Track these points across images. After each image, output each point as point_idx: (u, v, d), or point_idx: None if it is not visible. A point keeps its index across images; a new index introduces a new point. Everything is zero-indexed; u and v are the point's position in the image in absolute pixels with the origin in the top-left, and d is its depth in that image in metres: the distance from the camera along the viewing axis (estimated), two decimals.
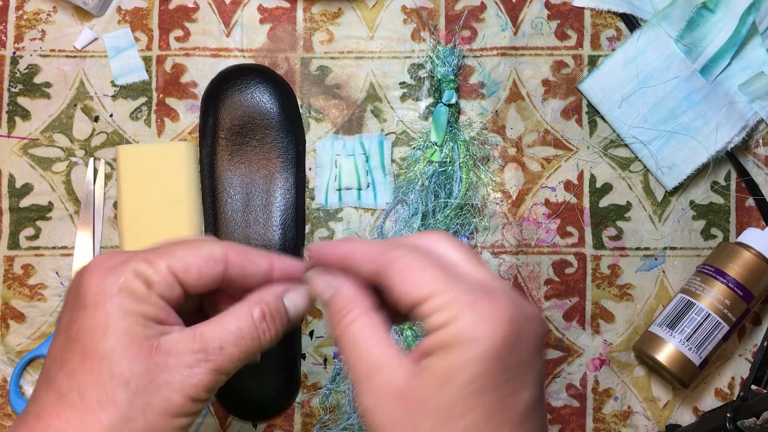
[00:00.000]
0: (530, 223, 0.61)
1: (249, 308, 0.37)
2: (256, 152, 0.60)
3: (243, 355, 0.36)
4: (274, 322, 0.37)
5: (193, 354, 0.35)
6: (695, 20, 0.59)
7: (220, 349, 0.36)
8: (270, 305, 0.37)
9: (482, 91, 0.62)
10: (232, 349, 0.36)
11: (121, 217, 0.59)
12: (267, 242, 0.59)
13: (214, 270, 0.37)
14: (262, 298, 0.38)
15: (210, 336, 0.36)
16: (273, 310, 0.37)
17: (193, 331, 0.36)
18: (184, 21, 0.62)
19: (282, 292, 0.38)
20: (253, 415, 0.59)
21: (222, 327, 0.36)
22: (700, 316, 0.56)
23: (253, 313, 0.37)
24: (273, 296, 0.38)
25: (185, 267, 0.36)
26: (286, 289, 0.39)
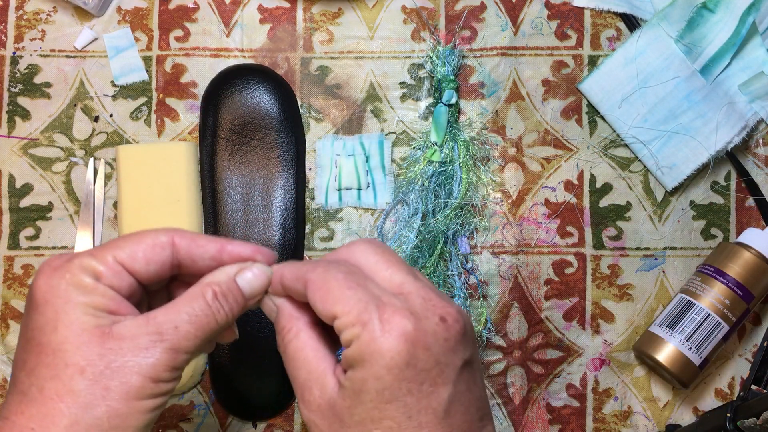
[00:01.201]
0: (530, 223, 0.61)
1: (200, 289, 0.38)
2: (256, 152, 0.60)
3: (200, 333, 0.37)
4: (227, 300, 0.38)
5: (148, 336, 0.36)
6: (695, 20, 0.59)
7: (175, 329, 0.36)
8: (221, 284, 0.38)
9: (482, 91, 0.62)
10: (187, 327, 0.37)
11: (121, 217, 0.59)
12: (267, 242, 0.59)
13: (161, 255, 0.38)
14: (213, 278, 0.38)
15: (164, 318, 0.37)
16: (225, 289, 0.38)
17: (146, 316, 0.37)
18: (184, 21, 0.62)
19: (234, 272, 0.39)
20: (253, 415, 0.59)
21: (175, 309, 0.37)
22: (700, 316, 0.56)
23: (204, 293, 0.38)
24: (224, 276, 0.39)
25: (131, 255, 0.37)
26: (240, 269, 0.39)
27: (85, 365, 0.35)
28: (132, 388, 0.35)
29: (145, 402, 0.36)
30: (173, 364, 0.36)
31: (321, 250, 0.61)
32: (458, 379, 0.36)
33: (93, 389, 0.35)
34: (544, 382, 0.60)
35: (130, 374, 0.35)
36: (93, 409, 0.35)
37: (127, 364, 0.35)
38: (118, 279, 0.37)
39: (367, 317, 0.35)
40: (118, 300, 0.37)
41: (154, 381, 0.36)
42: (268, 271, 0.40)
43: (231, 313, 0.38)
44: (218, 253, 0.39)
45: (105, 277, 0.37)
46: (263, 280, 0.39)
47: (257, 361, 0.58)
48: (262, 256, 0.40)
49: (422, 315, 0.35)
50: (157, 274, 0.38)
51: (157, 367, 0.36)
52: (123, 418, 0.35)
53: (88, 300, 0.36)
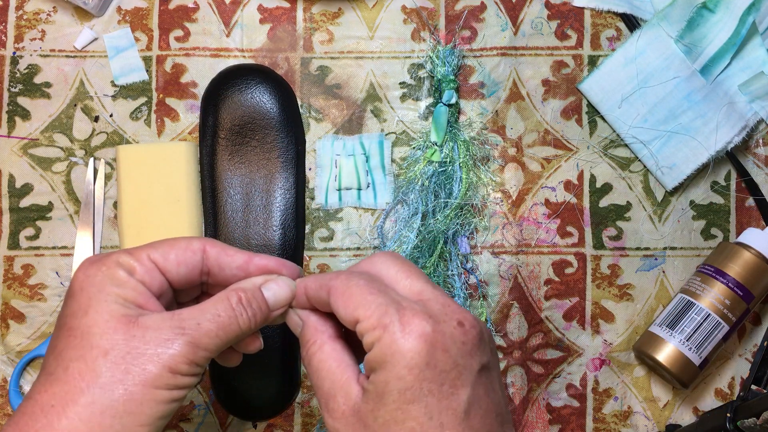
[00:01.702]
0: (530, 223, 0.61)
1: (226, 293, 0.40)
2: (256, 152, 0.60)
3: (221, 333, 0.39)
4: (251, 307, 0.40)
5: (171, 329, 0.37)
6: (695, 20, 0.59)
7: (197, 325, 0.38)
8: (247, 292, 0.40)
9: (482, 91, 0.62)
10: (209, 325, 0.38)
11: (121, 217, 0.59)
12: (267, 242, 0.59)
13: (192, 259, 0.40)
14: (239, 286, 0.41)
15: (188, 315, 0.38)
16: (250, 296, 0.40)
17: (172, 312, 0.39)
18: (184, 21, 0.62)
19: (260, 282, 0.41)
20: (253, 415, 0.59)
21: (200, 308, 0.39)
22: (700, 316, 0.56)
23: (230, 297, 0.40)
24: (250, 285, 0.41)
25: (164, 255, 0.40)
26: (266, 280, 0.41)
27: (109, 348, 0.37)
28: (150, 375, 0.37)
29: (161, 392, 0.37)
30: (192, 357, 0.38)
31: (321, 250, 0.61)
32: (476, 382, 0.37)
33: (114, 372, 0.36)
34: (544, 382, 0.60)
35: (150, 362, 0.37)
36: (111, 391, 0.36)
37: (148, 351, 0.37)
38: (150, 276, 0.39)
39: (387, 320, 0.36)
40: (147, 295, 0.39)
41: (172, 372, 0.37)
42: (292, 284, 0.42)
43: (254, 319, 0.40)
44: (245, 263, 0.42)
45: (138, 273, 0.39)
46: (287, 292, 0.41)
47: (257, 361, 0.58)
48: (287, 269, 0.42)
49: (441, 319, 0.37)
50: (187, 276, 0.41)
51: (176, 358, 0.37)
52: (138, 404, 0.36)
53: (120, 291, 0.38)
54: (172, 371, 0.37)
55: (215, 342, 0.39)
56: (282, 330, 0.58)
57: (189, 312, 0.39)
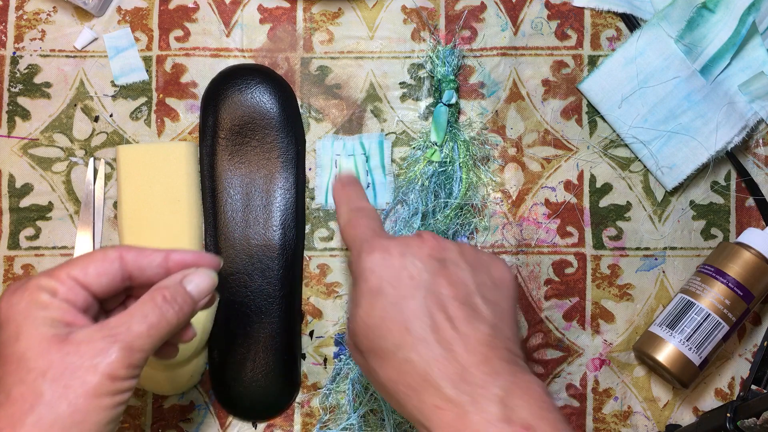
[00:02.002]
0: (530, 223, 0.61)
1: (150, 294, 0.42)
2: (256, 152, 0.60)
3: (153, 332, 0.41)
4: (176, 302, 0.42)
5: (102, 338, 0.39)
6: (695, 20, 0.59)
7: (128, 329, 0.40)
8: (169, 288, 0.42)
9: (482, 91, 0.62)
10: (139, 327, 0.40)
11: (121, 217, 0.59)
12: (267, 242, 0.59)
13: (110, 268, 0.42)
14: (161, 284, 0.43)
15: (117, 322, 0.40)
16: (173, 292, 0.42)
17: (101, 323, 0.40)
18: (184, 21, 0.62)
19: (180, 278, 0.44)
20: (253, 415, 0.59)
21: (128, 313, 0.41)
22: (700, 316, 0.56)
23: (154, 297, 0.42)
24: (172, 282, 0.43)
25: (83, 270, 0.41)
26: (185, 274, 0.44)
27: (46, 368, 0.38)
28: (90, 386, 0.38)
29: (104, 399, 0.39)
30: (129, 361, 0.39)
31: (321, 250, 0.61)
32: (436, 273, 0.43)
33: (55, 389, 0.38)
34: (544, 382, 0.60)
35: (88, 374, 0.38)
36: (56, 407, 0.38)
37: (85, 364, 0.39)
38: (73, 293, 0.41)
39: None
40: (73, 312, 0.41)
41: (112, 378, 0.39)
42: (212, 273, 0.45)
43: (181, 312, 0.42)
44: (164, 261, 0.44)
45: (60, 293, 0.40)
46: (208, 282, 0.44)
47: (257, 361, 0.58)
48: (205, 260, 0.45)
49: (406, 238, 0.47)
50: (109, 285, 0.42)
51: (113, 365, 0.39)
52: (84, 414, 0.38)
53: (45, 314, 0.40)
54: (112, 378, 0.39)
55: (148, 342, 0.41)
56: (282, 330, 0.58)
57: (117, 319, 0.41)
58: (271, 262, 0.59)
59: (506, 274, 0.45)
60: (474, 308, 0.42)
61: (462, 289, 0.42)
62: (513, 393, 0.38)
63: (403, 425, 0.58)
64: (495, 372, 0.39)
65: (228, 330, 0.58)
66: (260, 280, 0.58)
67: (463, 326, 0.41)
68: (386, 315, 0.41)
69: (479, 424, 0.38)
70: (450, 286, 0.42)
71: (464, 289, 0.42)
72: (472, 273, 0.43)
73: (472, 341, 0.40)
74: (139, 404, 0.60)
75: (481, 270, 0.44)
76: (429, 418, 0.39)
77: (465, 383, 0.39)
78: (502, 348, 0.41)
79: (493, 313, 0.42)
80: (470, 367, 0.39)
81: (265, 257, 0.59)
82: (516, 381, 0.39)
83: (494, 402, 0.38)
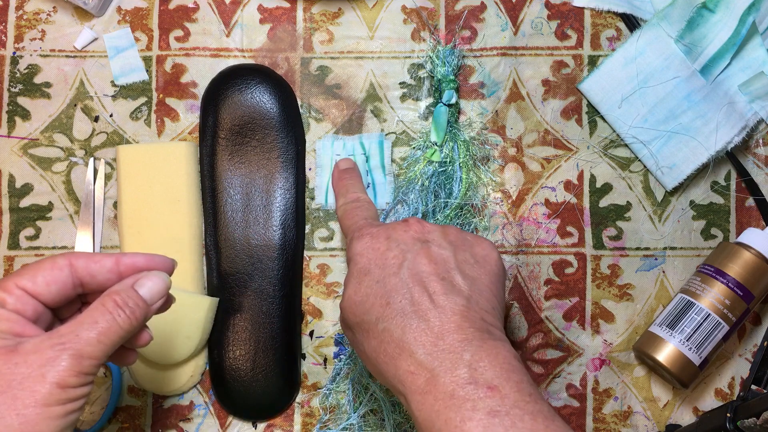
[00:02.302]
0: (530, 223, 0.61)
1: (101, 300, 0.42)
2: (256, 152, 0.60)
3: (103, 338, 0.40)
4: (127, 306, 0.42)
5: (51, 347, 0.39)
6: (695, 20, 0.59)
7: (77, 336, 0.40)
8: (120, 293, 0.42)
9: (482, 91, 0.62)
10: (88, 333, 0.40)
11: (121, 217, 0.59)
12: (267, 242, 0.59)
13: (59, 276, 0.42)
14: (113, 289, 0.42)
15: (66, 329, 0.40)
16: (125, 297, 0.42)
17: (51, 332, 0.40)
18: (184, 21, 0.62)
19: (132, 281, 0.43)
20: (253, 415, 0.59)
21: (78, 320, 0.41)
22: (700, 316, 0.56)
23: (105, 303, 0.41)
24: (123, 286, 0.43)
25: (32, 280, 0.41)
26: (137, 278, 0.43)
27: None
28: (40, 396, 0.38)
29: (54, 408, 0.38)
30: (79, 369, 0.39)
31: (321, 250, 0.61)
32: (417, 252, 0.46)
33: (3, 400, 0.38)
34: (544, 382, 0.60)
35: (37, 383, 0.38)
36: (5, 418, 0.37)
37: (33, 374, 0.38)
38: (22, 303, 0.41)
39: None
40: (22, 323, 0.40)
41: (62, 387, 0.38)
42: (165, 276, 0.44)
43: (133, 317, 0.42)
44: (115, 265, 0.43)
45: (9, 304, 0.40)
46: (161, 285, 0.44)
47: (257, 361, 0.58)
48: (157, 263, 0.44)
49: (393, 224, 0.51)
50: (60, 294, 0.42)
51: (63, 374, 0.38)
52: (33, 424, 0.38)
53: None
54: (61, 386, 0.38)
55: (99, 348, 0.40)
56: (282, 330, 0.58)
57: (67, 327, 0.40)
58: (271, 262, 0.59)
59: (490, 252, 0.48)
60: (451, 282, 0.44)
61: (442, 266, 0.45)
62: (480, 357, 0.40)
63: (403, 425, 0.58)
64: (466, 339, 0.41)
65: (228, 330, 0.58)
66: (260, 280, 0.58)
67: (440, 299, 0.43)
68: (371, 291, 0.44)
69: (447, 386, 0.40)
70: (430, 264, 0.45)
71: (444, 265, 0.45)
72: (453, 251, 0.46)
73: (447, 312, 0.42)
74: (139, 404, 0.60)
75: (463, 248, 0.47)
76: (403, 383, 0.41)
77: (438, 350, 0.41)
78: (477, 318, 0.43)
79: (470, 286, 0.44)
80: (444, 335, 0.41)
81: (265, 257, 0.59)
82: (484, 346, 0.41)
83: (462, 365, 0.40)
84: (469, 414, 0.38)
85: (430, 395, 0.40)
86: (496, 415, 0.38)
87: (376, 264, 0.45)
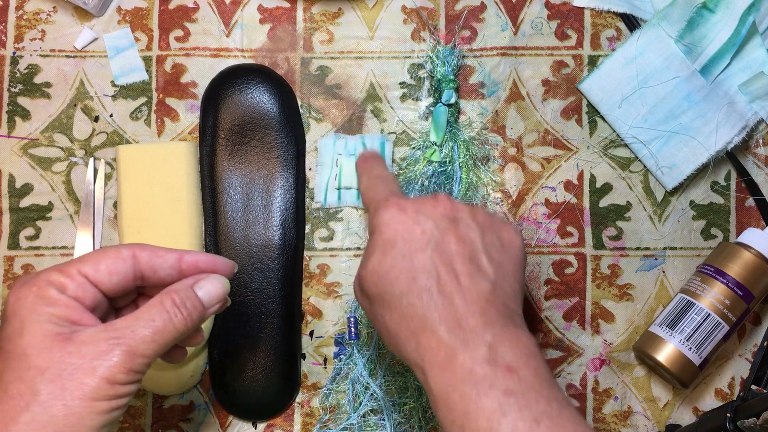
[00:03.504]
0: (530, 223, 0.61)
1: (160, 298, 0.41)
2: (256, 152, 0.60)
3: (157, 337, 0.40)
4: (185, 307, 0.42)
5: (106, 340, 0.39)
6: (695, 20, 0.59)
7: (132, 332, 0.39)
8: (179, 293, 0.42)
9: (482, 91, 0.62)
10: (144, 331, 0.40)
11: (121, 217, 0.59)
12: (267, 242, 0.59)
13: (122, 266, 0.41)
14: (172, 288, 0.42)
15: (122, 324, 0.40)
16: (183, 297, 0.42)
17: (107, 324, 0.40)
18: (184, 21, 0.62)
19: (192, 282, 0.43)
20: (253, 415, 0.59)
21: (135, 316, 0.40)
22: (700, 316, 0.56)
23: (163, 301, 0.41)
24: (182, 286, 0.42)
25: (94, 268, 0.41)
26: (197, 279, 0.43)
27: (45, 367, 0.38)
28: (87, 388, 0.38)
29: (101, 403, 0.38)
30: (130, 366, 0.39)
31: (321, 250, 0.61)
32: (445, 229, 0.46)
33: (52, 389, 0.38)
34: None
35: (87, 375, 0.38)
36: (50, 407, 0.37)
37: (84, 366, 0.38)
38: (82, 290, 0.40)
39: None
40: (81, 311, 0.40)
41: (110, 383, 0.38)
42: (224, 280, 0.44)
43: (190, 318, 0.42)
44: (177, 262, 0.43)
45: (69, 289, 0.40)
46: (220, 289, 0.44)
47: (257, 361, 0.58)
48: (219, 265, 0.44)
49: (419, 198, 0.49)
50: (120, 284, 0.42)
51: (113, 369, 0.38)
52: (78, 417, 0.38)
53: (52, 310, 0.39)
54: (110, 382, 0.38)
55: (152, 347, 0.40)
56: (282, 330, 0.58)
57: (123, 321, 0.40)
58: (271, 262, 0.59)
59: (515, 238, 0.47)
60: (478, 265, 0.44)
61: (469, 247, 0.44)
62: (502, 340, 0.41)
63: (402, 425, 0.58)
64: (489, 322, 0.42)
65: (228, 330, 0.58)
66: (260, 280, 0.58)
67: (466, 281, 0.43)
68: (396, 264, 0.44)
69: (466, 363, 0.40)
70: (458, 243, 0.44)
71: (471, 246, 0.44)
72: (481, 233, 0.45)
73: (472, 294, 0.43)
74: (139, 404, 0.60)
75: (491, 231, 0.46)
76: (423, 357, 0.42)
77: (460, 329, 0.41)
78: (500, 303, 0.43)
79: (496, 271, 0.44)
80: (467, 316, 0.42)
81: (265, 257, 0.59)
82: (506, 331, 0.42)
83: (483, 346, 0.41)
84: (486, 390, 0.39)
85: (448, 370, 0.40)
86: (511, 394, 0.39)
87: (403, 237, 0.44)
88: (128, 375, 0.39)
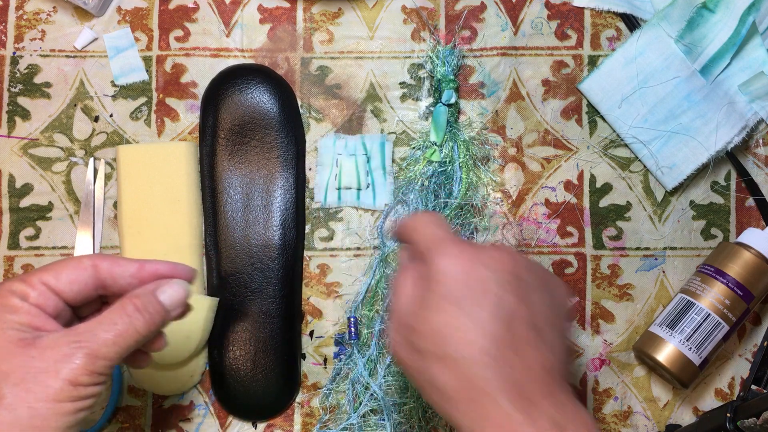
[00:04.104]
0: (530, 223, 0.61)
1: (121, 302, 0.42)
2: (256, 152, 0.60)
3: (119, 340, 0.41)
4: (147, 311, 0.42)
5: (68, 344, 0.40)
6: (695, 20, 0.59)
7: (94, 335, 0.40)
8: (141, 297, 0.43)
9: (482, 91, 0.62)
10: (106, 335, 0.41)
11: (121, 217, 0.59)
12: (267, 242, 0.59)
13: (83, 275, 0.43)
14: (133, 293, 0.43)
15: (84, 328, 0.41)
16: (144, 301, 0.43)
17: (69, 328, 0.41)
18: (184, 21, 0.62)
19: (154, 287, 0.44)
20: (253, 415, 0.59)
21: (97, 320, 0.41)
22: (700, 316, 0.56)
23: (124, 305, 0.42)
24: (144, 291, 0.43)
25: (56, 276, 0.42)
26: (159, 284, 0.44)
27: (9, 371, 0.39)
28: (51, 391, 0.39)
29: (65, 404, 0.39)
30: (92, 368, 0.40)
31: (321, 250, 0.61)
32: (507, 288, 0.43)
33: (17, 392, 0.38)
34: None
35: (51, 378, 0.39)
36: (16, 410, 0.38)
37: (48, 369, 0.39)
38: (44, 298, 0.41)
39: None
40: (43, 317, 0.41)
41: (74, 384, 0.39)
42: (186, 285, 0.45)
43: (152, 322, 0.43)
44: (138, 271, 0.44)
45: (31, 297, 0.41)
46: (182, 293, 0.44)
47: (257, 361, 0.58)
48: (180, 272, 0.45)
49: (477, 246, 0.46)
50: (81, 293, 0.43)
51: (76, 371, 0.39)
52: (43, 419, 0.39)
53: (14, 317, 0.40)
54: (73, 384, 0.39)
55: (114, 350, 0.41)
56: (282, 330, 0.58)
57: (85, 325, 0.41)
58: (271, 262, 0.59)
59: (565, 297, 0.46)
60: (539, 332, 0.42)
61: (530, 310, 0.43)
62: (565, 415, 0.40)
63: (402, 425, 0.58)
64: (550, 394, 0.41)
65: (228, 330, 0.58)
66: (260, 280, 0.58)
67: (527, 349, 0.42)
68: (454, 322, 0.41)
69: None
70: (520, 306, 0.42)
71: (531, 309, 0.43)
72: (540, 294, 0.44)
73: (534, 364, 0.41)
74: (139, 404, 0.60)
75: (546, 291, 0.45)
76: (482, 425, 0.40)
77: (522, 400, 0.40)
78: (558, 372, 0.42)
79: (553, 336, 0.43)
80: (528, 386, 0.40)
81: (265, 257, 0.59)
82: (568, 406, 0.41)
83: (547, 420, 0.40)
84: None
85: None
86: None
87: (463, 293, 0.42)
88: (91, 377, 0.40)
